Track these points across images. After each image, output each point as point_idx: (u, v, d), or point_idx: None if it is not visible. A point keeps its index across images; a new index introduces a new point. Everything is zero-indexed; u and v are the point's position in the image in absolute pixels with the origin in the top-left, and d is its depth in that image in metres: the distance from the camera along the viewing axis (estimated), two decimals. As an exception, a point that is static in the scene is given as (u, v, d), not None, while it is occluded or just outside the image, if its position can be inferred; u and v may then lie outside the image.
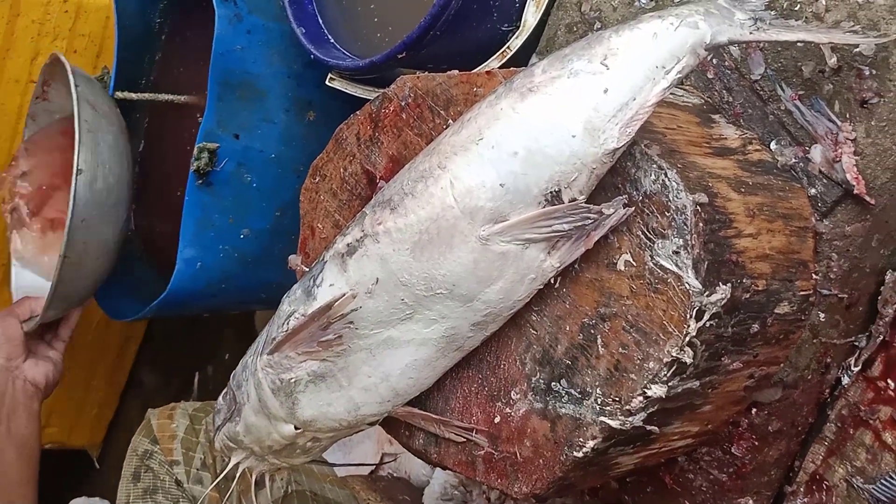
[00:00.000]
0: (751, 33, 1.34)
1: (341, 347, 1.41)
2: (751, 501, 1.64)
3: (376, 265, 1.37)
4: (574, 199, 1.29)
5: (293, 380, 1.45)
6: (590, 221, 1.29)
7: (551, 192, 1.28)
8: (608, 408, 1.31)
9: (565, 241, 1.31)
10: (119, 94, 2.60)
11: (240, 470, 1.58)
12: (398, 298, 1.37)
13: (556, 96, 1.29)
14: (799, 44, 1.48)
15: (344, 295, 1.39)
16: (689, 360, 1.27)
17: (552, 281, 1.36)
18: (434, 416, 1.49)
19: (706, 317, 1.27)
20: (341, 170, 1.61)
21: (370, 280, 1.38)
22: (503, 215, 1.29)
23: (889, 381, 1.56)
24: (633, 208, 1.29)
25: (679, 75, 1.29)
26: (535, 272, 1.33)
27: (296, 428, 1.49)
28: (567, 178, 1.27)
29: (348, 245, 1.40)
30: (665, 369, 1.27)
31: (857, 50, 1.43)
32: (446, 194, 1.31)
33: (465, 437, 1.47)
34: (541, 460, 1.38)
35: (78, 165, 2.33)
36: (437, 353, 1.42)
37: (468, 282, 1.33)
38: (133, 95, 2.62)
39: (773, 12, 1.38)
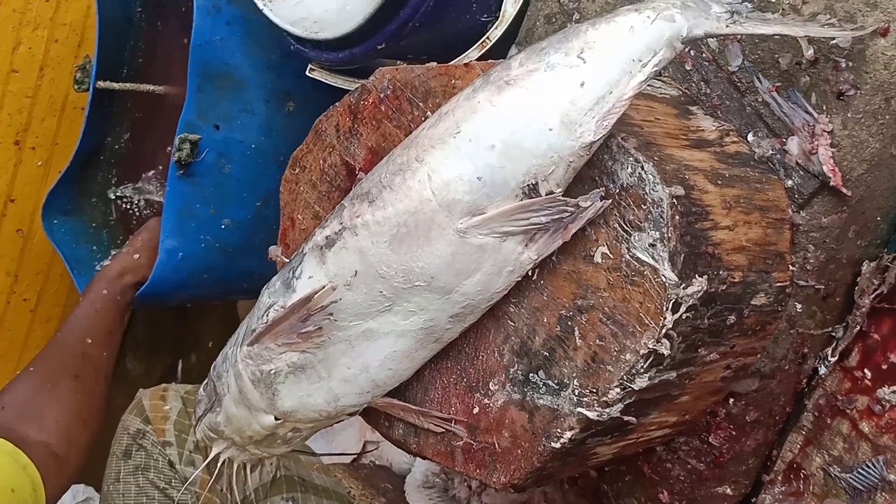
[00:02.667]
0: (727, 27, 1.34)
1: (321, 339, 1.42)
2: (728, 490, 1.65)
3: (355, 258, 1.37)
4: (551, 192, 1.29)
5: (273, 371, 1.46)
6: (567, 214, 1.29)
7: (528, 186, 1.29)
8: (585, 399, 1.32)
9: (542, 233, 1.32)
10: (101, 84, 2.60)
11: (221, 460, 1.58)
12: (377, 291, 1.37)
13: (532, 89, 1.29)
14: (776, 36, 1.48)
15: (324, 287, 1.39)
16: (665, 352, 1.28)
17: (530, 273, 1.36)
18: (413, 407, 1.50)
19: (682, 309, 1.27)
20: (321, 161, 1.61)
21: (349, 272, 1.38)
22: (481, 208, 1.30)
23: (866, 370, 1.56)
24: (610, 201, 1.29)
25: (655, 68, 1.29)
26: (513, 264, 1.34)
27: (276, 419, 1.49)
28: (544, 172, 1.28)
29: (327, 238, 1.40)
30: (642, 361, 1.28)
31: (834, 42, 1.44)
32: (424, 187, 1.31)
33: (443, 428, 1.47)
34: (519, 451, 1.39)
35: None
36: (416, 345, 1.42)
37: (446, 274, 1.34)
38: (115, 85, 2.62)
39: (749, 5, 1.38)
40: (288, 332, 1.42)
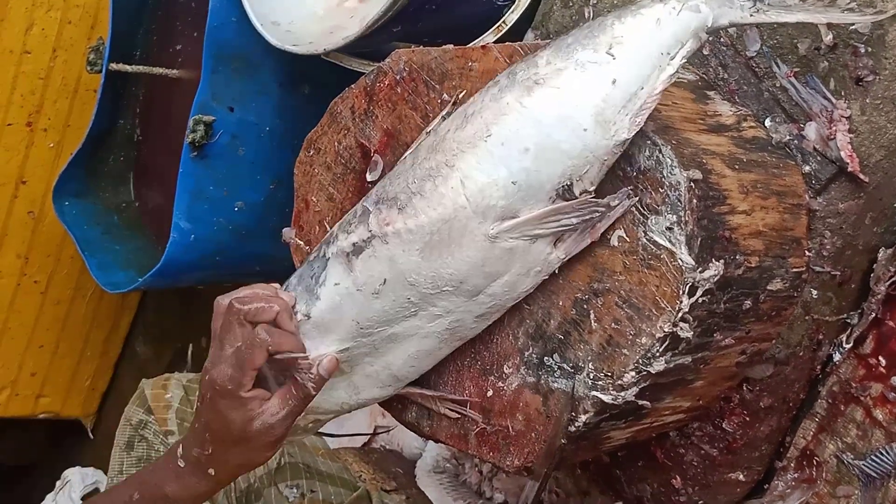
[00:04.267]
0: (751, 15, 1.33)
1: (345, 346, 1.42)
2: (741, 476, 1.64)
3: (385, 266, 1.36)
4: (585, 191, 1.28)
5: None
6: (598, 215, 1.29)
7: (563, 187, 1.28)
8: (600, 382, 1.32)
9: (571, 233, 1.31)
10: (114, 66, 2.59)
11: None
12: (404, 298, 1.37)
13: (564, 89, 1.28)
14: (796, 23, 1.48)
15: (329, 359, 1.39)
16: (684, 335, 1.28)
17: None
18: (429, 392, 1.49)
19: (699, 293, 1.27)
20: (336, 143, 1.61)
21: (378, 281, 1.37)
22: (514, 212, 1.29)
23: (880, 358, 1.56)
24: (638, 198, 1.29)
25: (683, 60, 1.29)
26: (541, 265, 1.34)
27: None
28: (579, 172, 1.27)
29: (354, 245, 1.39)
30: (657, 345, 1.28)
31: (853, 27, 1.43)
32: (458, 194, 1.30)
33: (459, 413, 1.47)
34: (533, 434, 1.38)
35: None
36: (440, 344, 1.42)
37: (475, 278, 1.34)
38: (128, 68, 2.62)
39: None
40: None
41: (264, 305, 1.36)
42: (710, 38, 1.56)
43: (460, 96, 1.45)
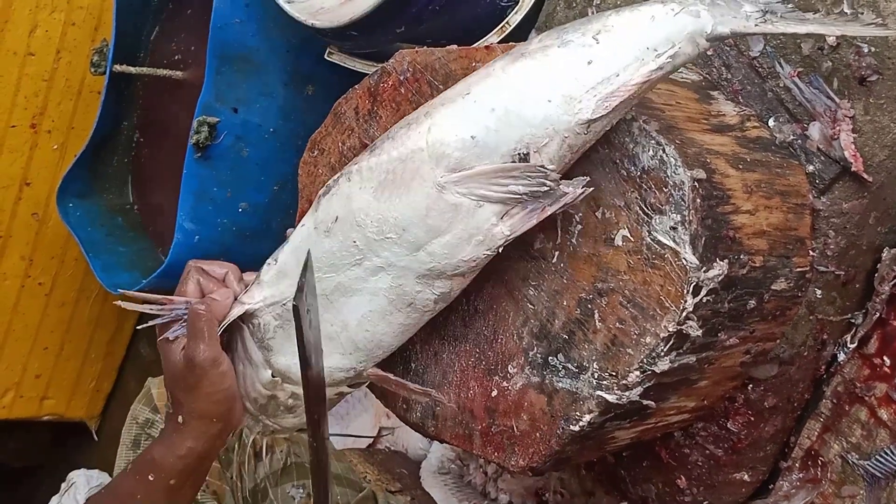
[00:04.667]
0: (756, 25, 1.32)
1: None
2: (746, 476, 1.64)
3: (341, 202, 1.39)
4: (542, 166, 1.29)
5: (261, 324, 1.49)
6: (545, 188, 1.29)
7: (519, 154, 1.29)
8: (605, 382, 1.32)
9: (519, 209, 1.31)
10: (117, 68, 2.60)
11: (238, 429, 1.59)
12: (351, 240, 1.39)
13: (542, 61, 1.30)
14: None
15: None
16: (691, 333, 1.28)
17: (550, 256, 1.36)
18: (393, 378, 1.50)
19: (703, 292, 1.27)
20: (340, 144, 1.61)
21: (331, 218, 1.40)
22: (467, 167, 1.30)
23: (885, 357, 1.56)
24: (592, 189, 1.29)
25: (671, 60, 1.28)
26: (484, 234, 1.33)
27: (273, 376, 1.50)
28: (537, 142, 1.28)
29: (327, 186, 1.43)
30: (662, 344, 1.28)
31: (857, 27, 1.43)
32: (420, 138, 1.33)
33: (427, 396, 1.48)
34: (537, 434, 1.38)
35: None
36: (389, 307, 1.42)
37: (417, 228, 1.34)
38: (131, 69, 2.62)
39: (788, 5, 1.37)
40: None
41: (216, 269, 1.55)
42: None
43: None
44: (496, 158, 1.29)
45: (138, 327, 1.72)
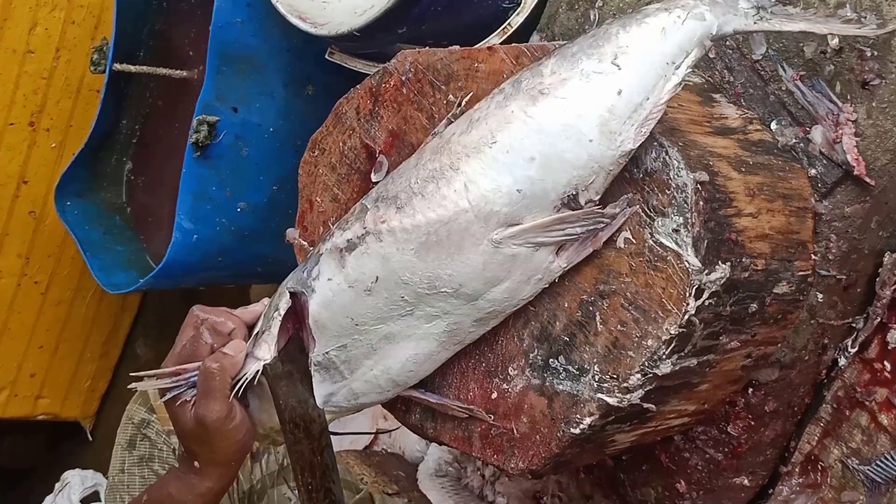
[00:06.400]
0: (755, 23, 1.33)
1: (343, 343, 1.42)
2: (746, 481, 1.64)
3: (377, 263, 1.36)
4: (590, 201, 1.28)
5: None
6: (602, 225, 1.29)
7: (568, 196, 1.28)
8: (606, 385, 1.31)
9: (573, 241, 1.31)
10: (117, 67, 2.59)
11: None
12: (398, 296, 1.37)
13: (568, 99, 1.28)
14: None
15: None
16: (694, 332, 1.28)
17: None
18: (434, 399, 1.49)
19: (705, 295, 1.27)
20: (340, 144, 1.61)
21: (369, 278, 1.37)
22: (517, 219, 1.29)
23: (885, 362, 1.56)
24: (639, 206, 1.29)
25: (688, 69, 1.28)
26: (543, 273, 1.33)
27: None
28: (584, 182, 1.27)
29: (348, 241, 1.39)
30: (663, 347, 1.28)
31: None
32: (460, 197, 1.30)
33: (466, 412, 1.46)
34: (537, 436, 1.38)
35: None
36: (438, 347, 1.42)
37: (475, 282, 1.33)
38: (131, 68, 2.62)
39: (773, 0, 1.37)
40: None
41: (225, 323, 1.49)
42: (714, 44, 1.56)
43: (465, 99, 1.45)
44: (546, 204, 1.29)
45: (155, 403, 1.71)
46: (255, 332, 1.49)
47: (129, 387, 1.57)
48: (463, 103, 1.44)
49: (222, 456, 1.47)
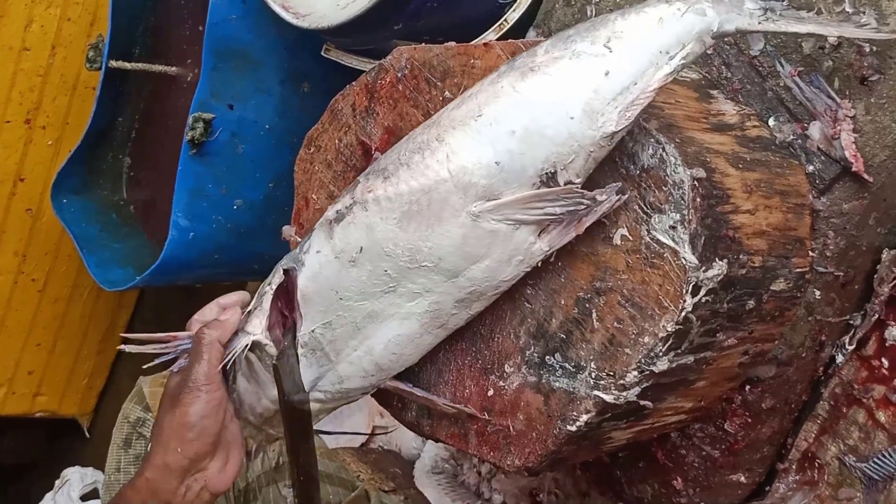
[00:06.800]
0: (759, 23, 1.32)
1: (328, 320, 1.42)
2: (742, 478, 1.64)
3: (362, 233, 1.37)
4: (570, 182, 1.28)
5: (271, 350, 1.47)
6: (583, 206, 1.28)
7: (547, 173, 1.27)
8: (602, 382, 1.31)
9: (556, 224, 1.30)
10: (113, 64, 2.59)
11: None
12: (381, 269, 1.37)
13: (556, 76, 1.27)
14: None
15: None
16: (690, 332, 1.27)
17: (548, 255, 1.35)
18: (419, 394, 1.49)
19: (702, 292, 1.26)
20: (336, 140, 1.60)
21: (354, 248, 1.38)
22: (496, 193, 1.29)
23: (883, 359, 1.56)
24: (627, 195, 1.28)
25: (683, 61, 1.27)
26: (524, 254, 1.33)
27: None
28: (564, 160, 1.26)
29: (337, 212, 1.40)
30: (660, 344, 1.27)
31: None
32: (441, 167, 1.30)
33: (455, 408, 1.46)
34: (534, 434, 1.38)
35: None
36: (420, 329, 1.42)
37: (454, 257, 1.33)
38: (127, 65, 2.61)
39: (784, 2, 1.36)
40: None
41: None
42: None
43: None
44: (524, 180, 1.28)
45: (144, 367, 1.70)
46: (247, 309, 1.50)
47: (118, 347, 1.56)
48: (458, 100, 1.44)
49: (179, 430, 1.42)
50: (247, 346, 1.46)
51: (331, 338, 1.44)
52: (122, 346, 1.53)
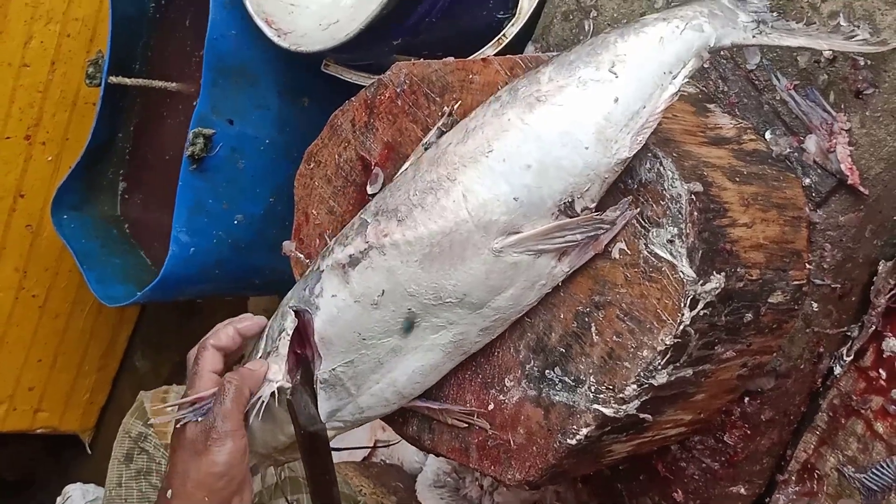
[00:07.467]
0: (753, 37, 1.33)
1: (349, 359, 1.42)
2: (742, 490, 1.64)
3: (382, 277, 1.37)
4: (586, 209, 1.29)
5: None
6: (602, 231, 1.29)
7: (565, 203, 1.28)
8: (602, 395, 1.31)
9: (575, 247, 1.31)
10: (113, 80, 2.59)
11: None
12: (405, 308, 1.37)
13: (565, 106, 1.28)
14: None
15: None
16: (688, 346, 1.28)
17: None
18: (436, 405, 1.49)
19: (700, 306, 1.27)
20: (336, 156, 1.61)
21: (375, 292, 1.38)
22: (516, 227, 1.30)
23: (880, 370, 1.56)
24: (639, 210, 1.29)
25: (685, 79, 1.28)
26: (546, 278, 1.34)
27: None
28: (580, 189, 1.27)
29: (350, 256, 1.39)
30: (659, 357, 1.28)
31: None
32: (459, 208, 1.30)
33: (467, 423, 1.46)
34: (534, 447, 1.38)
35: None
36: (444, 358, 1.42)
37: (479, 291, 1.34)
38: (127, 81, 2.62)
39: (774, 14, 1.37)
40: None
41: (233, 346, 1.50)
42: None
43: (455, 108, 1.45)
44: (543, 212, 1.29)
45: (154, 419, 1.69)
46: (259, 353, 1.49)
47: (149, 421, 1.54)
48: (453, 113, 1.44)
49: (204, 477, 1.40)
50: (272, 393, 1.44)
51: (352, 374, 1.44)
52: (154, 419, 1.52)
